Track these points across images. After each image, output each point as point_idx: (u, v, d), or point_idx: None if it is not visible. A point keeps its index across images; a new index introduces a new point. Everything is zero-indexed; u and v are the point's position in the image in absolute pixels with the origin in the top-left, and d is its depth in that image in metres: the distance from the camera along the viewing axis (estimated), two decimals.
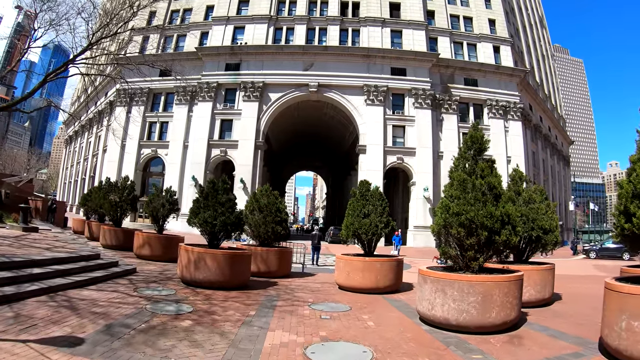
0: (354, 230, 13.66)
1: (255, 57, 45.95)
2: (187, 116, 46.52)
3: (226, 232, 13.13)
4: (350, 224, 13.81)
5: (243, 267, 12.85)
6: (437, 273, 9.26)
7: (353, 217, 13.92)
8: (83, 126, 65.54)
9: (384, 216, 14.06)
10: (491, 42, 50.29)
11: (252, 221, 15.65)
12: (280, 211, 15.93)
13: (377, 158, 42.75)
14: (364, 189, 14.50)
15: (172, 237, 18.91)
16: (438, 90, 45.95)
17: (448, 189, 9.96)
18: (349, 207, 14.43)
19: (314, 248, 21.73)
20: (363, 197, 14.35)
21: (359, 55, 45.46)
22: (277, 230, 15.57)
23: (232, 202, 13.30)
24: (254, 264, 15.27)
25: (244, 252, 13.08)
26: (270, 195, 16.12)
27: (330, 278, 16.42)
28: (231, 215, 12.97)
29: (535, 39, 68.86)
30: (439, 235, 9.96)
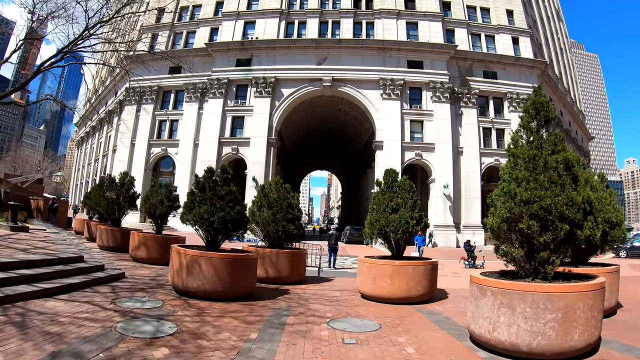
0: (380, 228, 11.19)
1: (266, 51, 43.67)
2: (197, 114, 44.44)
3: (226, 231, 10.75)
4: (375, 221, 11.34)
5: (246, 273, 10.48)
6: (501, 282, 6.81)
7: (378, 213, 11.46)
8: (94, 127, 63.94)
9: (416, 211, 11.58)
10: (510, 34, 47.48)
11: (259, 219, 13.26)
12: (293, 207, 13.51)
13: (394, 154, 40.20)
14: (390, 179, 12.02)
15: (172, 237, 16.60)
16: (456, 83, 43.30)
17: (510, 170, 7.47)
18: (372, 202, 11.97)
19: (331, 249, 19.28)
20: (389, 188, 11.87)
21: (373, 48, 42.98)
22: (289, 230, 13.15)
23: (233, 195, 10.92)
24: (262, 269, 12.91)
25: (248, 256, 10.67)
26: (281, 189, 13.71)
27: (350, 284, 14.00)
28: (232, 211, 10.59)
29: (553, 32, 65.70)
30: (497, 232, 7.48)
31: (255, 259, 10.88)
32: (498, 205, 7.27)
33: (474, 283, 7.35)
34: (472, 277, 7.46)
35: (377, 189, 12.22)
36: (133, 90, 47.29)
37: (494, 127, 43.70)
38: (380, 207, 11.48)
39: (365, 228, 11.76)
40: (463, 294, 13.28)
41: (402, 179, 12.17)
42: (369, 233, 11.47)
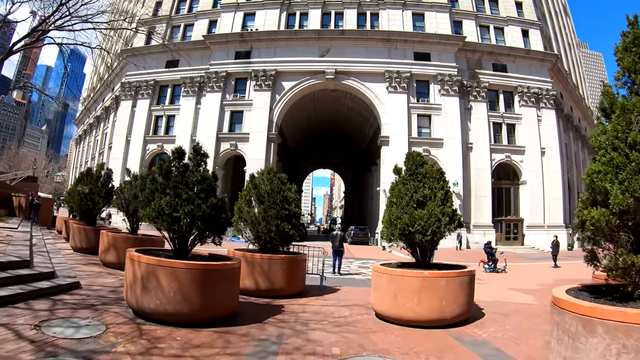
0: (402, 228, 8.28)
1: (267, 43, 40.85)
2: (194, 109, 41.63)
3: (198, 231, 7.87)
4: (395, 219, 8.44)
5: (224, 288, 7.60)
6: (626, 312, 3.96)
7: (399, 208, 8.56)
8: (91, 124, 61.25)
9: (448, 205, 8.71)
10: (519, 26, 44.59)
11: (247, 216, 10.37)
12: (289, 202, 10.62)
13: (401, 150, 37.16)
14: (413, 165, 9.13)
15: (147, 238, 13.68)
16: (465, 76, 40.43)
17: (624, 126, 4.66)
18: (391, 194, 9.08)
19: (335, 252, 16.36)
20: (413, 176, 8.98)
21: (378, 40, 40.14)
22: (284, 230, 10.22)
23: (207, 183, 8.05)
24: (251, 279, 10.06)
25: (225, 265, 7.74)
26: (275, 179, 10.81)
27: (360, 296, 11.16)
28: (204, 204, 7.71)
29: (561, 27, 62.67)
30: (601, 231, 4.66)
31: (236, 269, 7.97)
32: (613, 187, 4.40)
33: (567, 311, 4.50)
34: (560, 301, 4.62)
35: (396, 178, 9.34)
36: (129, 85, 44.71)
37: (504, 122, 40.81)
38: (402, 200, 8.59)
39: (382, 228, 8.89)
40: (501, 309, 10.45)
41: (429, 164, 9.28)
42: (388, 234, 8.57)
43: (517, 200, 40.79)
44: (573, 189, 47.99)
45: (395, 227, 8.37)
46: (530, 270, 22.51)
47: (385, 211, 9.04)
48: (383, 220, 8.87)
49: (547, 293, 14.34)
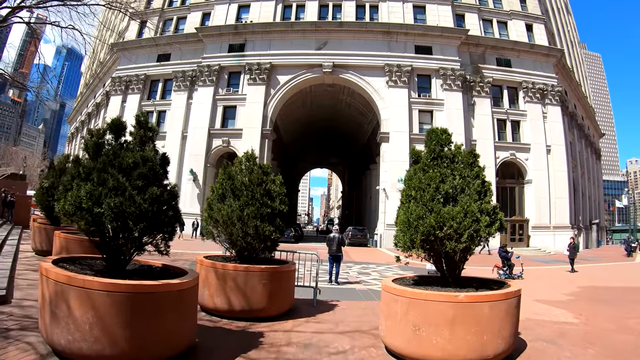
0: (425, 231, 5.77)
1: (261, 36, 38.31)
2: (186, 103, 39.08)
3: (130, 235, 5.37)
4: (415, 219, 5.90)
5: (168, 320, 5.10)
6: None
7: (420, 204, 6.06)
8: (82, 122, 58.65)
9: (486, 199, 6.27)
10: (523, 20, 42.19)
11: (218, 215, 7.85)
12: (273, 197, 8.08)
13: (402, 147, 34.79)
14: (437, 145, 6.64)
15: None
16: (468, 71, 38.01)
17: None
18: (408, 185, 6.55)
19: (333, 258, 13.72)
20: (437, 160, 6.50)
21: (378, 32, 37.65)
22: (265, 232, 7.66)
23: (149, 166, 5.53)
24: (222, 296, 7.56)
25: (165, 287, 5.18)
26: (255, 168, 8.29)
27: (363, 315, 8.71)
28: (140, 195, 5.21)
29: (563, 24, 60.37)
30: None
31: (186, 290, 5.45)
32: None
33: None
34: None
35: (412, 164, 6.87)
36: (119, 80, 42.21)
37: (508, 119, 38.41)
38: (424, 193, 6.09)
39: (396, 232, 6.33)
40: (541, 333, 8.18)
41: (457, 146, 6.80)
42: (405, 241, 6.02)
43: (522, 200, 38.38)
44: (578, 189, 45.67)
45: (415, 231, 5.87)
46: (547, 275, 20.08)
47: (399, 209, 6.54)
48: (397, 222, 6.34)
49: (583, 306, 11.89)
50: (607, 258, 33.87)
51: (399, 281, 6.59)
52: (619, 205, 76.20)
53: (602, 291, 15.41)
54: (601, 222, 58.94)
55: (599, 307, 11.69)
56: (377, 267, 19.42)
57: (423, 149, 6.86)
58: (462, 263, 6.40)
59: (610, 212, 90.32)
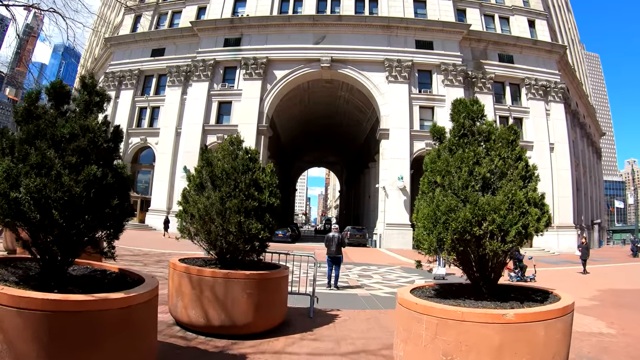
0: (459, 228, 4.26)
1: (258, 30, 36.80)
2: (180, 99, 37.52)
3: (60, 230, 3.86)
4: (445, 212, 4.39)
5: (102, 350, 3.58)
6: None
7: (449, 193, 4.56)
8: None
9: (532, 186, 4.80)
10: (525, 16, 40.84)
11: (194, 208, 6.34)
12: (261, 187, 6.55)
13: (402, 144, 33.42)
14: (468, 119, 5.16)
15: None
16: (470, 67, 36.60)
17: None
18: (431, 170, 5.03)
19: (332, 260, 12.18)
20: (467, 138, 5.01)
21: (378, 26, 36.18)
22: (251, 230, 6.14)
23: (91, 137, 4.03)
24: (198, 308, 6.06)
25: (102, 302, 3.65)
26: (240, 153, 6.80)
27: (369, 330, 7.23)
28: (71, 176, 3.71)
29: (564, 22, 59.10)
30: None
31: (138, 306, 3.95)
32: None
33: None
34: None
35: (435, 144, 5.40)
36: (112, 75, 40.64)
37: (511, 116, 36.91)
38: (454, 179, 4.60)
39: (418, 229, 4.80)
40: (579, 348, 6.66)
41: (489, 122, 5.31)
42: (431, 241, 4.47)
43: None
44: (580, 188, 44.27)
45: (445, 228, 4.37)
46: (560, 277, 18.65)
47: (419, 201, 5.04)
48: (417, 217, 4.83)
49: (611, 313, 10.47)
50: (614, 258, 32.60)
51: (417, 292, 5.09)
52: (619, 206, 74.94)
53: (624, 294, 14.06)
54: (602, 222, 57.58)
55: (628, 314, 10.37)
56: (378, 269, 17.95)
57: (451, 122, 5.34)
58: (501, 268, 4.90)
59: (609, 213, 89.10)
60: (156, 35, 40.36)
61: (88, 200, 3.84)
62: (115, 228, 4.24)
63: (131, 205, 4.61)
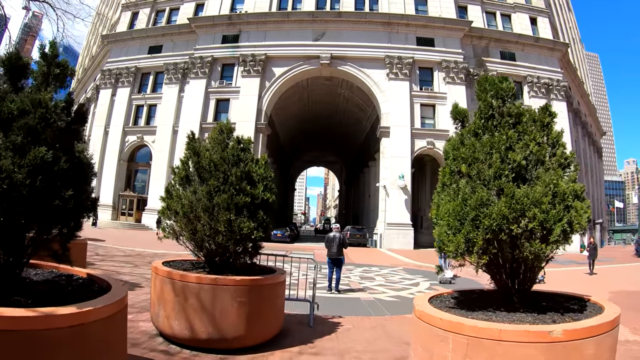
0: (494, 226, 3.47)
1: (256, 26, 36.02)
2: (177, 97, 36.72)
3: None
4: (474, 206, 3.58)
5: None
6: None
7: (478, 184, 3.78)
8: None
9: (573, 175, 4.00)
10: (527, 13, 40.11)
11: (178, 204, 5.54)
12: (254, 181, 5.75)
13: (403, 142, 32.64)
14: (496, 98, 4.35)
15: None
16: (471, 64, 35.87)
17: None
18: (453, 158, 4.25)
19: (332, 262, 11.25)
20: (494, 120, 4.22)
21: (378, 23, 35.42)
22: (242, 230, 5.32)
23: (42, 113, 3.23)
24: (182, 318, 5.25)
25: (45, 320, 2.85)
26: (231, 142, 6.00)
27: (376, 340, 6.45)
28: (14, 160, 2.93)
29: (565, 21, 58.40)
30: None
31: (96, 323, 3.15)
32: None
33: None
34: None
35: (457, 127, 4.62)
36: (109, 73, 39.86)
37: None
38: (485, 167, 3.81)
39: (439, 227, 3.98)
40: None
41: (517, 103, 4.51)
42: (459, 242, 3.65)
43: None
44: None
45: (474, 226, 3.57)
46: (567, 279, 17.86)
47: (439, 194, 4.24)
48: (439, 214, 4.02)
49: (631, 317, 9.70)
50: (617, 259, 31.84)
51: (436, 302, 4.30)
52: (618, 206, 74.23)
53: (638, 297, 13.30)
54: (603, 222, 56.83)
55: None
56: (380, 271, 17.15)
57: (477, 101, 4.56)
58: (536, 274, 4.12)
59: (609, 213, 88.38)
60: (153, 32, 39.57)
61: (33, 189, 3.04)
62: (69, 225, 3.44)
63: (94, 199, 3.82)
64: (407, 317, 8.17)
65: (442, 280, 13.04)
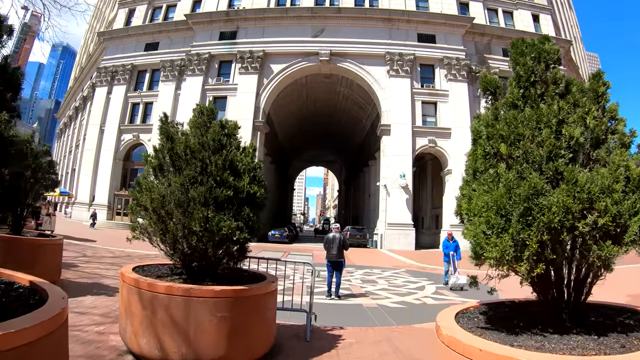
0: (555, 222, 2.53)
1: (254, 22, 35.07)
2: (174, 94, 35.73)
3: None
4: (525, 197, 2.65)
5: None
6: None
7: (526, 168, 2.84)
8: (70, 116, 55.32)
9: (637, 156, 3.06)
10: (529, 10, 39.17)
11: (147, 198, 4.59)
12: (239, 171, 4.81)
13: (404, 140, 31.68)
14: (536, 64, 3.40)
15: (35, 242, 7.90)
16: (474, 61, 34.90)
17: None
18: (485, 138, 3.32)
19: (332, 265, 10.21)
20: (535, 89, 3.28)
21: (378, 19, 34.48)
22: (220, 230, 4.33)
23: None
24: (151, 336, 4.29)
25: None
26: (212, 125, 5.06)
27: (384, 356, 5.45)
28: None
29: (566, 20, 57.55)
30: None
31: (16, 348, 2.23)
32: None
33: None
34: None
35: (488, 100, 3.70)
36: (105, 70, 38.93)
37: None
38: (534, 146, 2.87)
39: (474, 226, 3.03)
40: None
41: (559, 74, 3.58)
42: (504, 246, 2.72)
43: None
44: None
45: (525, 224, 2.62)
46: None
47: (467, 185, 3.34)
48: (471, 209, 3.08)
49: None
50: (625, 259, 30.84)
51: (464, 320, 3.36)
52: None
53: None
54: None
55: None
56: (382, 273, 16.21)
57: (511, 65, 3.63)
58: (593, 283, 3.18)
59: None
60: (150, 29, 38.63)
61: None
62: None
63: None
64: (416, 328, 7.23)
65: (454, 286, 11.90)
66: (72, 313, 7.02)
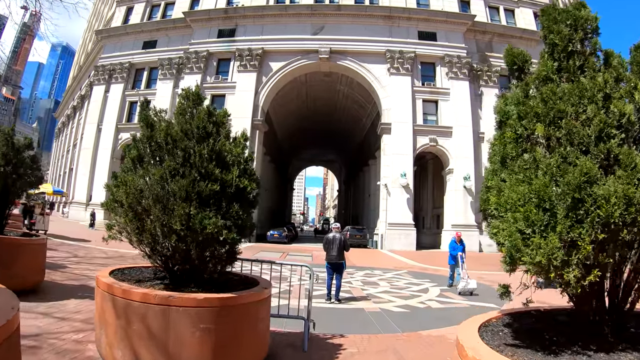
0: (615, 218, 1.99)
1: (253, 20, 34.54)
2: (172, 93, 35.08)
3: None
4: (574, 186, 2.11)
5: None
6: None
7: (569, 153, 2.30)
8: (68, 115, 54.70)
9: None
10: (531, 8, 38.55)
11: (122, 194, 4.05)
12: (226, 163, 4.27)
13: (405, 139, 31.14)
14: (573, 32, 2.86)
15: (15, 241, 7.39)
16: (475, 59, 34.36)
17: None
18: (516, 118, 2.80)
19: (332, 267, 9.72)
20: (573, 61, 2.74)
21: (379, 16, 33.94)
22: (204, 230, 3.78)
23: None
24: (126, 348, 3.74)
25: None
26: (198, 111, 4.51)
27: None
28: None
29: None
30: None
31: None
32: None
33: None
34: None
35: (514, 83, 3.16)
36: (102, 69, 38.46)
37: None
38: (578, 125, 2.33)
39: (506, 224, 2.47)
40: None
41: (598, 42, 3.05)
42: (549, 250, 2.16)
43: None
44: None
45: (576, 220, 2.08)
46: None
47: (494, 175, 2.78)
48: (501, 204, 2.52)
49: None
50: None
51: (488, 335, 2.82)
52: None
53: None
54: None
55: None
56: (384, 274, 15.69)
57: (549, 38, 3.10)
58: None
59: None
60: (148, 27, 38.11)
61: None
62: None
63: None
64: (424, 336, 6.67)
65: (463, 291, 11.26)
66: (51, 318, 6.52)
